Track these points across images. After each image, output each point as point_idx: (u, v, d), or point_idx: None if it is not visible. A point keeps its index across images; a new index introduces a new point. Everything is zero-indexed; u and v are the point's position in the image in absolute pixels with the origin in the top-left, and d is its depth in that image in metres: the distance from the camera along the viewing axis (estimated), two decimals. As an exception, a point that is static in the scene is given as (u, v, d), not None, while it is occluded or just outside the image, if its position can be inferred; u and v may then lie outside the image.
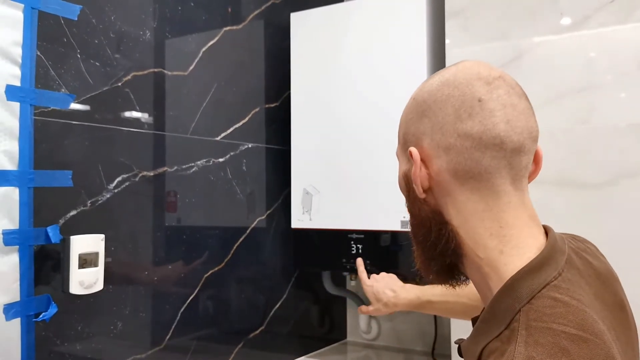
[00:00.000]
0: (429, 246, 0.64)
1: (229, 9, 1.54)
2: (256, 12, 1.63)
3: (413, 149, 0.63)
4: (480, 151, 0.59)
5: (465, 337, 0.68)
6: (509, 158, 0.60)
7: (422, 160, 0.63)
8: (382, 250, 1.50)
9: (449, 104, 0.61)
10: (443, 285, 0.68)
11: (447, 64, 1.41)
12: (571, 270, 0.60)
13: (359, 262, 1.41)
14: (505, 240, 0.60)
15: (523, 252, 0.60)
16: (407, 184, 0.67)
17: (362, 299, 1.74)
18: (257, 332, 1.59)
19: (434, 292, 1.13)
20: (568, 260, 0.60)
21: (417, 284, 1.23)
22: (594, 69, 1.23)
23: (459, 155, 0.60)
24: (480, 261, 0.61)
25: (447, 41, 1.40)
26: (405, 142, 0.67)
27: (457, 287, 0.68)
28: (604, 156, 1.21)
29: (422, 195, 0.64)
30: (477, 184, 0.61)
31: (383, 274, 1.31)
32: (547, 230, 0.63)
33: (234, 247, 1.52)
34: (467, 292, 1.06)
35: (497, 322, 0.57)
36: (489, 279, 0.61)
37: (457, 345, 0.68)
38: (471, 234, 0.61)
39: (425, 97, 0.64)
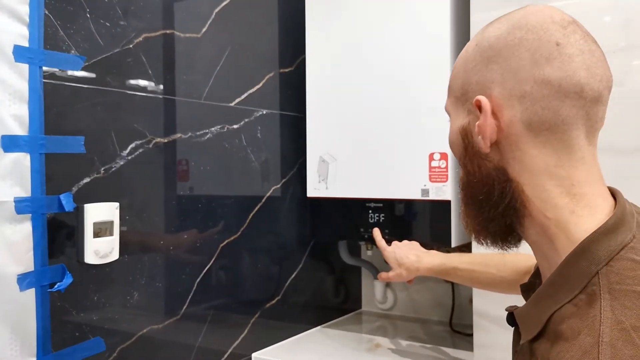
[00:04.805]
0: (490, 206, 0.59)
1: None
2: (270, -29, 1.56)
3: (482, 98, 0.57)
4: (559, 99, 0.54)
5: (507, 305, 0.65)
6: (587, 108, 0.55)
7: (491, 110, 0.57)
8: (401, 219, 1.46)
9: (523, 48, 0.56)
10: (498, 248, 0.63)
11: (471, 29, 1.34)
12: None
13: (376, 231, 1.39)
14: (577, 199, 0.56)
15: (594, 212, 0.56)
16: (464, 139, 0.61)
17: (377, 269, 1.71)
18: (274, 302, 1.57)
19: (461, 259, 1.10)
20: (637, 223, 0.57)
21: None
22: (630, 30, 1.16)
23: (535, 104, 0.55)
24: (547, 221, 0.57)
25: (471, 4, 1.33)
26: (464, 93, 0.60)
27: (509, 251, 0.63)
28: (638, 120, 1.15)
29: (487, 150, 0.58)
30: (551, 136, 0.56)
31: (405, 241, 1.28)
32: (612, 191, 0.59)
33: (250, 217, 1.49)
34: (496, 262, 1.03)
35: (569, 286, 0.53)
36: (555, 240, 0.57)
37: (506, 313, 0.64)
38: (539, 192, 0.57)
39: (493, 41, 0.58)
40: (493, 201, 0.59)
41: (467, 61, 0.61)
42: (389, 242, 1.32)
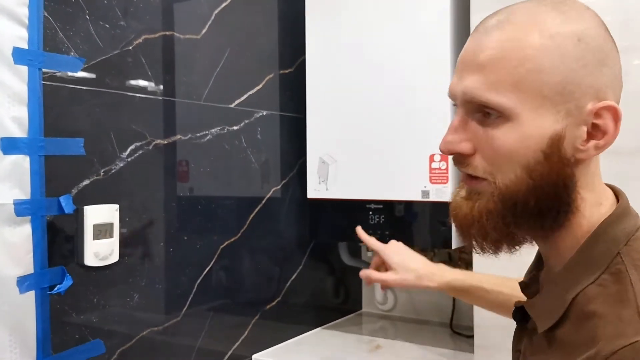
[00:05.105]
0: (558, 212, 0.57)
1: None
2: (270, -28, 1.56)
3: (614, 104, 0.55)
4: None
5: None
6: None
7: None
8: (401, 220, 1.46)
9: (617, 53, 0.58)
10: (507, 252, 0.60)
11: (471, 29, 1.34)
12: None
13: (359, 229, 1.19)
14: (599, 194, 0.59)
15: (607, 202, 0.59)
16: (553, 144, 0.55)
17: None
18: (274, 303, 1.56)
19: (483, 279, 0.98)
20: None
21: (430, 259, 1.07)
22: (630, 30, 1.16)
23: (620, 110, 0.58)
24: (582, 219, 0.58)
25: (471, 4, 1.33)
26: (567, 93, 0.54)
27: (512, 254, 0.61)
28: (638, 121, 1.15)
29: (588, 157, 0.56)
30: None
31: (400, 244, 1.11)
32: (608, 186, 0.63)
33: (250, 218, 1.48)
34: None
35: (589, 268, 0.55)
36: (578, 232, 0.57)
37: (513, 308, 0.64)
38: (586, 192, 0.58)
39: (600, 42, 0.55)
40: (564, 207, 0.57)
41: (566, 57, 0.54)
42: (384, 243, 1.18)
